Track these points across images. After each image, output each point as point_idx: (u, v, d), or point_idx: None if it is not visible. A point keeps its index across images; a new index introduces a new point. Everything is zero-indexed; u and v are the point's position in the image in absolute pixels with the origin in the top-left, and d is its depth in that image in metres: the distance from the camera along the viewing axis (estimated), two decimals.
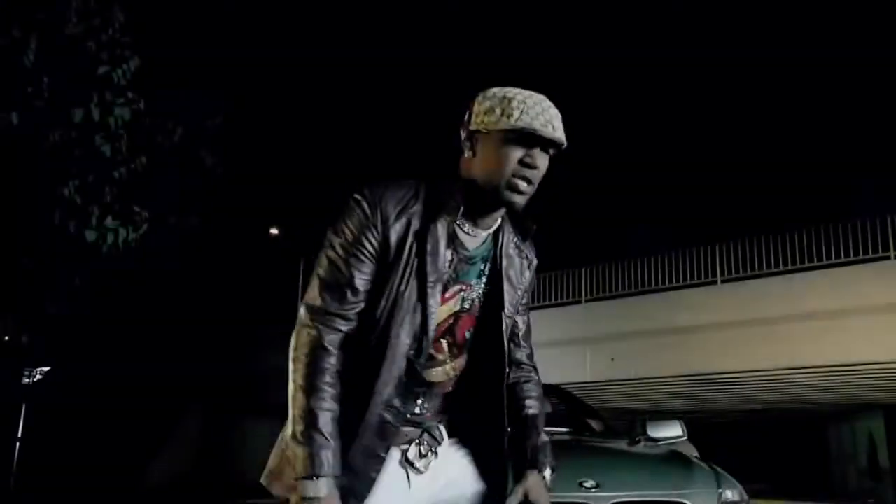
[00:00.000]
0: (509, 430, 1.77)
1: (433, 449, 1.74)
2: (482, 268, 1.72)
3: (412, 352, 1.64)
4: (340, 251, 1.63)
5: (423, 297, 1.62)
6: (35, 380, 15.10)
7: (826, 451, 26.01)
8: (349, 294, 1.62)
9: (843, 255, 14.17)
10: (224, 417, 25.64)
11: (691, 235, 17.21)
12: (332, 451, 1.56)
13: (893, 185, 16.90)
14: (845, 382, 16.66)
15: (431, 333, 1.65)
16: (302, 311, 1.66)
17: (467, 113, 1.68)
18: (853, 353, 13.83)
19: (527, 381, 1.88)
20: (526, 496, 1.74)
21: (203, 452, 24.56)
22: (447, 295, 1.68)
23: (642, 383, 17.49)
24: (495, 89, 1.65)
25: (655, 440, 4.61)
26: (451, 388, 1.76)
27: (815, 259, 14.41)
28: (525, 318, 1.89)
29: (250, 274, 28.97)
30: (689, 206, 27.09)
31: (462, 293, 1.70)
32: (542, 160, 1.63)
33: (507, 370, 1.75)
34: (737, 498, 3.24)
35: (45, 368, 15.19)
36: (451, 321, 1.70)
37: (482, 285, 1.73)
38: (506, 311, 1.73)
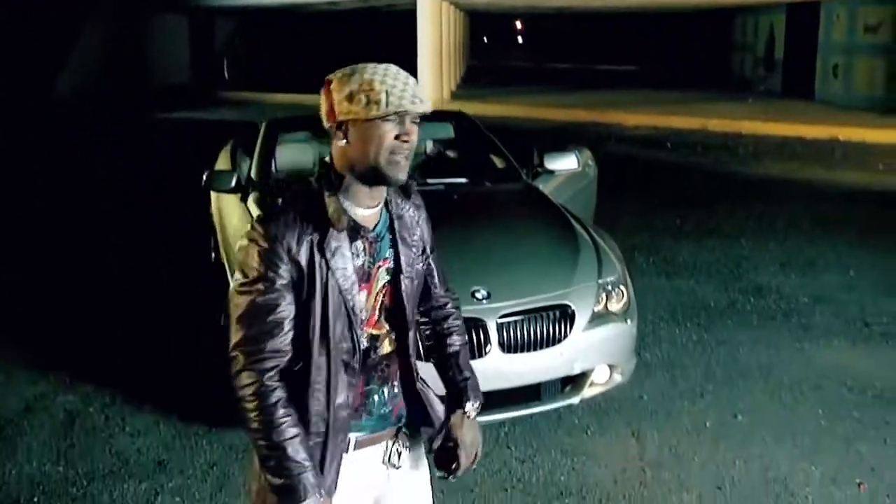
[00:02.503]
0: (436, 368, 1.94)
1: (406, 445, 1.88)
2: (390, 238, 1.79)
3: (349, 345, 1.70)
4: (256, 290, 1.63)
5: (347, 299, 1.68)
6: None
7: (727, 41, 26.73)
8: (276, 329, 1.64)
9: None
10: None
11: None
12: (311, 473, 1.63)
13: None
14: None
15: (361, 331, 1.73)
16: (235, 354, 1.65)
17: (327, 102, 1.66)
18: None
19: (447, 317, 2.01)
20: (449, 435, 1.91)
21: (167, 151, 23.76)
22: (372, 279, 1.76)
23: None
24: (347, 71, 1.65)
25: (552, 172, 4.86)
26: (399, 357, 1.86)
27: None
28: (435, 256, 1.97)
29: None
30: None
31: (381, 268, 1.77)
32: (415, 133, 1.67)
33: (410, 330, 1.84)
34: (614, 279, 3.67)
35: None
36: (381, 297, 1.79)
37: (393, 253, 1.82)
38: (403, 272, 1.80)
